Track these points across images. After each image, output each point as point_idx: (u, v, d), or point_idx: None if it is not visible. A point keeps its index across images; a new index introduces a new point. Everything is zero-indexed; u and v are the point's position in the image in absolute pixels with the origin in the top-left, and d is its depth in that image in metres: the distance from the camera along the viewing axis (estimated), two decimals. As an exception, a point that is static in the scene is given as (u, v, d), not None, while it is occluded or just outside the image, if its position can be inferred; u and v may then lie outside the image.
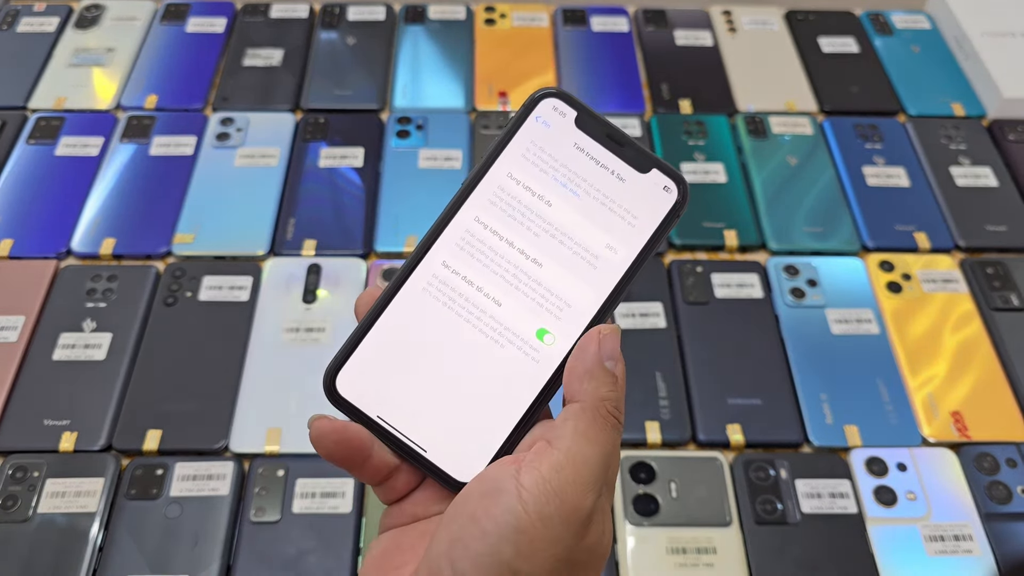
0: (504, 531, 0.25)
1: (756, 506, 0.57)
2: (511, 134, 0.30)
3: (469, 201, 0.30)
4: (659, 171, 0.30)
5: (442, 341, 0.29)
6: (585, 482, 0.26)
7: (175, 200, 0.72)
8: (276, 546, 0.55)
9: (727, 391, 0.63)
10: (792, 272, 0.69)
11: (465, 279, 0.29)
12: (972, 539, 0.56)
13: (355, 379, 0.29)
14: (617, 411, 0.27)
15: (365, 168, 0.75)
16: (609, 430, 0.27)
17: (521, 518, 0.25)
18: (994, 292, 0.68)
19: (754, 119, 0.80)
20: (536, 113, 0.30)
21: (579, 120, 0.30)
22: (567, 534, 0.25)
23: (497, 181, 0.30)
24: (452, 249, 0.30)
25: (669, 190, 0.30)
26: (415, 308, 0.29)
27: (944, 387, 0.63)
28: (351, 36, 0.87)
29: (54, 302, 0.66)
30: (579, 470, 0.26)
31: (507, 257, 0.30)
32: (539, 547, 0.25)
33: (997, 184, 0.76)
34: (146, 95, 0.80)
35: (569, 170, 0.30)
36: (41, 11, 0.87)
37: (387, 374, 0.29)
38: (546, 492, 0.25)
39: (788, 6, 0.92)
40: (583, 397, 0.27)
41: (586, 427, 0.27)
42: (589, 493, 0.26)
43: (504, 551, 0.25)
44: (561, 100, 0.30)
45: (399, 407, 0.29)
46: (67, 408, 0.60)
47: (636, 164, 0.30)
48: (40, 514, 0.55)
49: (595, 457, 0.26)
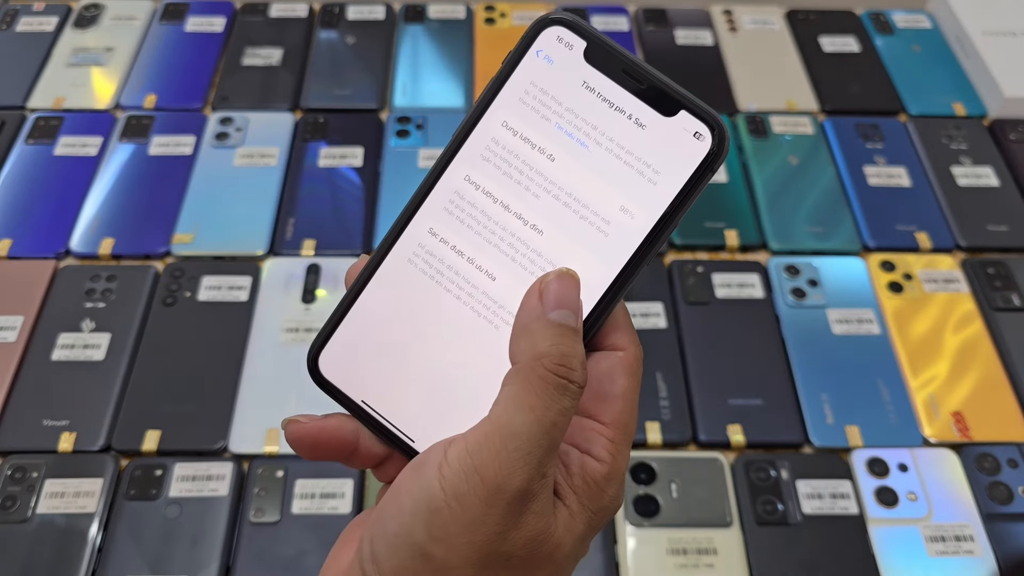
0: (418, 509, 0.22)
1: (757, 507, 0.57)
2: (507, 73, 0.25)
3: (459, 156, 0.25)
4: (689, 113, 0.25)
5: (430, 320, 0.26)
6: (511, 457, 0.22)
7: (174, 200, 0.72)
8: (275, 547, 0.55)
9: (728, 391, 0.62)
10: (793, 272, 0.69)
11: (454, 249, 0.25)
12: (973, 540, 0.56)
13: (338, 360, 0.26)
14: (563, 367, 0.22)
15: (365, 168, 0.75)
16: (551, 392, 0.22)
17: (435, 496, 0.22)
18: (995, 292, 0.68)
19: (755, 118, 0.80)
20: (537, 46, 0.25)
21: (589, 52, 0.25)
22: (490, 518, 0.22)
23: (490, 132, 0.25)
24: (440, 214, 0.25)
25: (701, 137, 0.24)
26: (400, 281, 0.26)
27: (945, 387, 0.63)
28: (351, 35, 0.87)
29: (53, 302, 0.65)
30: (505, 442, 0.22)
31: (502, 223, 0.25)
32: (453, 530, 0.22)
33: (998, 184, 0.76)
34: (145, 95, 0.80)
35: (576, 116, 0.25)
36: (40, 10, 0.87)
37: (371, 355, 0.26)
38: (465, 468, 0.22)
39: (789, 5, 0.92)
40: (518, 358, 0.23)
41: (518, 391, 0.22)
42: (517, 469, 0.22)
43: (416, 532, 0.22)
44: (567, 29, 0.25)
45: (385, 392, 0.26)
46: (66, 408, 0.60)
47: (660, 106, 0.25)
48: (39, 515, 0.55)
49: (527, 426, 0.22)
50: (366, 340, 0.26)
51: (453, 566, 0.22)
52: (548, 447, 0.22)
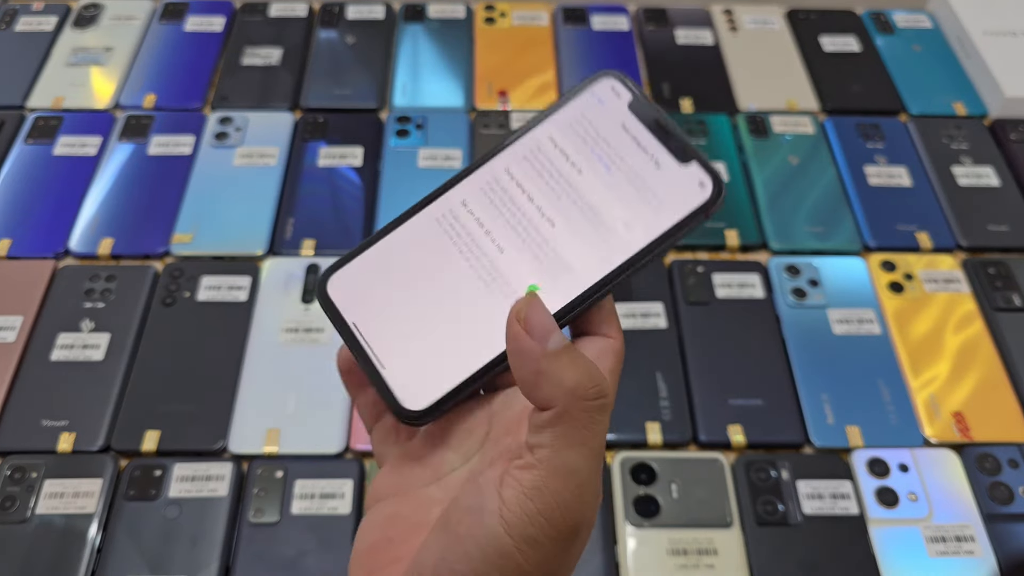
0: (487, 555, 0.23)
1: (757, 507, 0.57)
2: (565, 103, 0.31)
3: (505, 152, 0.31)
4: (699, 165, 0.29)
5: (436, 271, 0.30)
6: (575, 495, 0.23)
7: (173, 200, 0.72)
8: (275, 547, 0.54)
9: (728, 391, 0.62)
10: (793, 272, 0.69)
11: (478, 220, 0.30)
12: (974, 540, 0.56)
13: (346, 284, 0.30)
14: (595, 387, 0.24)
15: (364, 167, 0.75)
16: (595, 418, 0.24)
17: (504, 543, 0.23)
18: (996, 292, 0.68)
19: (755, 118, 0.80)
20: (593, 89, 0.31)
21: (632, 103, 0.30)
22: (559, 551, 0.23)
23: (537, 141, 0.31)
24: (475, 192, 0.31)
25: (704, 186, 0.29)
26: (423, 234, 0.30)
27: (946, 387, 0.63)
28: (350, 35, 0.86)
29: (52, 302, 0.65)
30: (566, 483, 0.23)
31: (524, 210, 0.30)
32: (527, 570, 0.23)
33: (999, 184, 0.76)
34: (144, 94, 0.80)
35: (609, 146, 0.30)
36: (39, 10, 0.87)
37: (375, 287, 0.30)
38: (529, 512, 0.23)
39: (789, 5, 0.92)
40: (552, 402, 0.24)
41: (565, 431, 0.23)
42: (585, 506, 0.23)
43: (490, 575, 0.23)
44: (620, 82, 0.31)
45: (375, 320, 0.30)
46: (65, 409, 0.60)
47: (678, 154, 0.29)
48: (38, 515, 0.55)
49: (584, 460, 0.23)
50: (377, 273, 0.30)
51: None
52: (599, 470, 0.24)
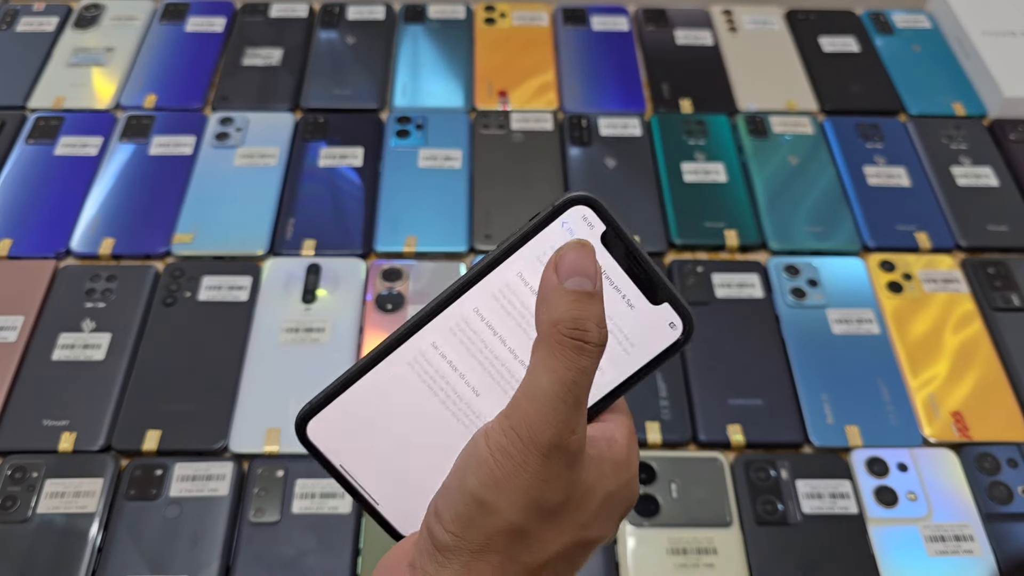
0: (468, 464, 0.26)
1: (757, 506, 0.57)
2: (534, 232, 0.29)
3: (474, 290, 0.29)
4: (671, 307, 0.29)
5: (415, 414, 0.29)
6: (539, 414, 0.25)
7: (174, 200, 0.72)
8: (275, 547, 0.55)
9: (728, 391, 0.62)
10: (793, 272, 0.69)
11: (451, 364, 0.29)
12: (973, 539, 0.56)
13: (326, 428, 0.30)
14: (577, 329, 0.25)
15: (365, 168, 0.75)
16: (569, 353, 0.25)
17: (482, 452, 0.25)
18: (995, 292, 0.68)
19: (755, 119, 0.80)
20: (564, 218, 0.29)
21: (606, 237, 0.29)
22: (529, 466, 0.25)
23: (505, 277, 0.29)
24: (445, 333, 0.29)
25: (675, 327, 0.29)
26: (396, 378, 0.29)
27: (945, 387, 0.63)
28: (351, 35, 0.87)
29: (53, 302, 0.66)
30: (533, 400, 0.25)
31: (496, 353, 0.29)
32: (499, 476, 0.25)
33: (998, 184, 0.76)
34: (145, 95, 0.80)
35: None
36: (40, 11, 0.87)
37: (356, 431, 0.30)
38: (503, 428, 0.25)
39: (789, 5, 0.92)
40: (537, 328, 0.26)
41: (540, 357, 0.25)
42: (546, 425, 0.25)
43: (468, 481, 0.26)
44: (593, 211, 0.29)
45: (362, 462, 0.30)
46: (66, 408, 0.60)
47: (650, 294, 0.29)
48: (39, 514, 0.55)
49: (549, 385, 0.25)
50: (356, 417, 0.30)
51: (503, 509, 0.25)
52: (573, 403, 0.25)
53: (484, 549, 0.26)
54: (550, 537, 0.26)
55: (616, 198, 0.74)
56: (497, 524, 0.25)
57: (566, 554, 0.27)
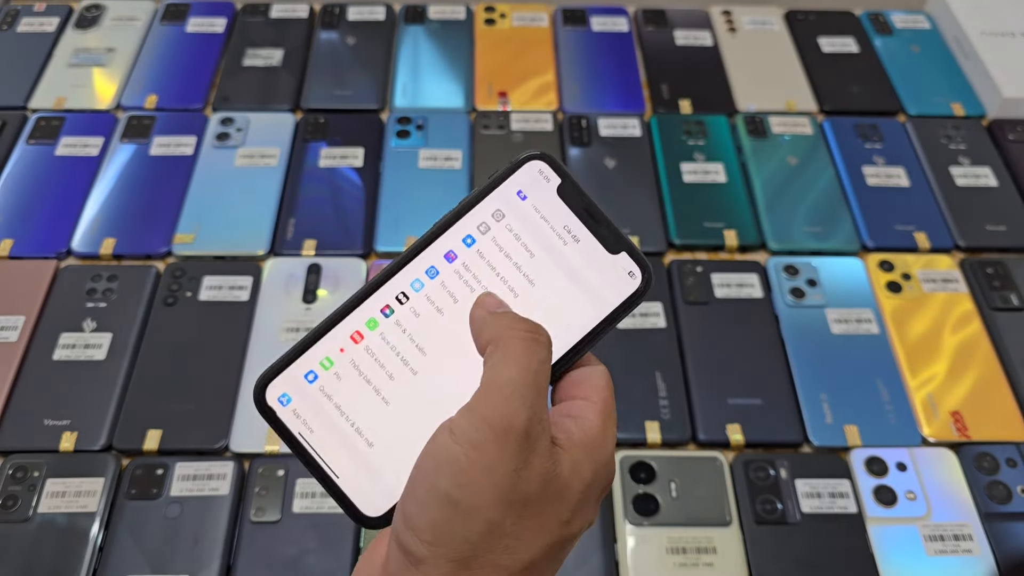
0: (439, 464, 0.25)
1: (756, 506, 0.57)
2: (494, 186, 0.30)
3: (438, 242, 0.29)
4: (628, 256, 0.30)
5: (376, 379, 0.29)
6: (509, 400, 0.25)
7: (175, 200, 0.72)
8: (276, 546, 0.55)
9: (727, 391, 0.63)
10: (792, 272, 0.69)
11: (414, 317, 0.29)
12: (972, 539, 0.56)
13: (285, 392, 0.29)
14: (530, 330, 0.27)
15: (365, 168, 0.75)
16: (530, 346, 0.26)
17: (451, 448, 0.25)
18: (994, 292, 0.68)
19: (754, 119, 0.80)
20: (521, 173, 0.30)
21: (562, 189, 0.30)
22: (505, 456, 0.24)
23: (468, 230, 0.30)
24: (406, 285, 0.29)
25: (633, 276, 0.29)
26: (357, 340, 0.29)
27: (944, 387, 0.63)
28: (351, 36, 0.87)
29: (54, 302, 0.66)
30: (500, 389, 0.25)
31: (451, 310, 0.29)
32: (474, 475, 0.24)
33: (997, 184, 0.76)
34: (146, 95, 0.80)
35: (539, 236, 0.30)
36: (41, 11, 0.87)
37: (318, 395, 0.29)
38: (473, 420, 0.25)
39: (788, 6, 0.92)
40: (492, 338, 0.27)
41: (501, 354, 0.26)
42: (517, 409, 0.25)
43: (441, 483, 0.25)
44: (548, 165, 0.30)
45: (321, 430, 0.29)
46: (67, 408, 0.60)
47: (608, 244, 0.30)
48: (40, 514, 0.55)
49: (515, 373, 0.25)
50: (316, 381, 0.29)
51: (479, 507, 0.24)
52: (537, 390, 0.26)
53: (464, 556, 0.24)
54: (531, 536, 0.25)
55: (616, 198, 0.74)
56: (476, 526, 0.24)
57: (551, 554, 0.26)
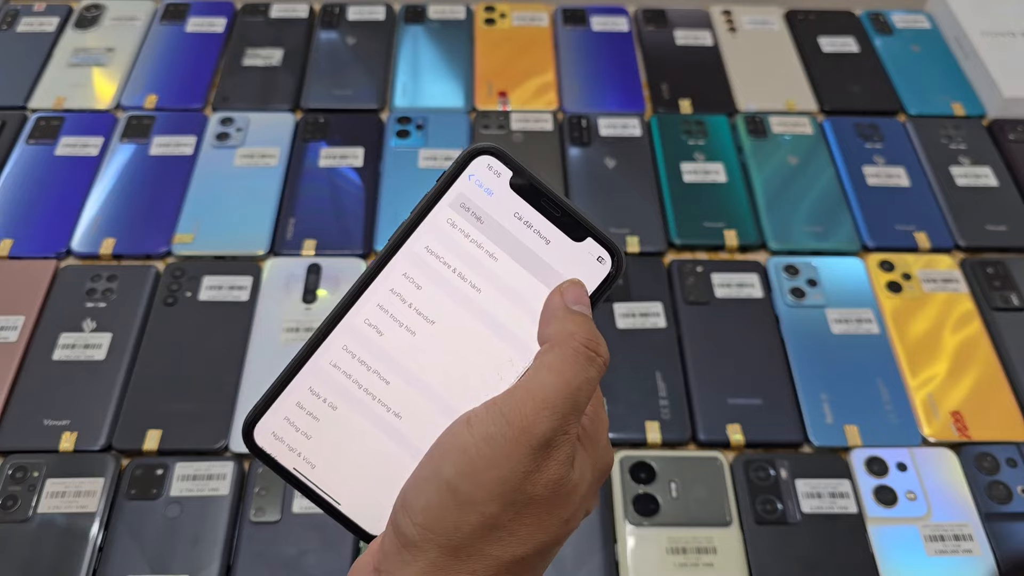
0: (447, 450, 0.25)
1: (756, 506, 0.57)
2: (443, 190, 0.28)
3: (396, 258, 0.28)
4: (595, 241, 0.28)
5: (362, 399, 0.28)
6: (537, 406, 0.24)
7: (175, 200, 0.72)
8: (276, 546, 0.55)
9: (727, 391, 0.63)
10: (792, 272, 0.69)
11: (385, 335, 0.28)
12: (972, 539, 0.56)
13: (274, 430, 0.28)
14: (591, 344, 0.26)
15: (365, 168, 0.75)
16: (581, 361, 0.26)
17: (465, 438, 0.25)
18: (994, 292, 0.68)
19: (754, 119, 0.80)
20: (470, 170, 0.28)
21: (514, 183, 0.28)
22: (515, 457, 0.24)
23: (423, 241, 0.28)
24: (373, 309, 0.28)
25: (603, 261, 0.28)
26: (336, 364, 0.28)
27: (944, 387, 0.63)
28: (351, 36, 0.87)
29: (54, 302, 0.66)
30: (532, 394, 0.25)
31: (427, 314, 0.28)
32: (480, 466, 0.24)
33: (997, 184, 0.76)
34: (146, 95, 0.80)
35: (498, 234, 0.28)
36: (41, 11, 0.87)
37: (306, 427, 0.28)
38: (492, 413, 0.25)
39: (788, 6, 0.92)
40: (551, 337, 0.27)
41: (551, 359, 0.26)
42: (542, 419, 0.24)
43: (444, 469, 0.24)
44: (496, 158, 0.28)
45: (316, 460, 0.28)
46: (67, 408, 0.60)
47: (571, 232, 0.28)
48: (40, 514, 0.55)
49: (553, 385, 0.25)
50: (303, 411, 0.28)
51: (478, 500, 0.24)
52: (572, 407, 0.25)
53: (454, 544, 0.24)
54: (527, 533, 0.25)
55: (616, 198, 0.74)
56: (470, 517, 0.24)
57: (545, 549, 0.26)
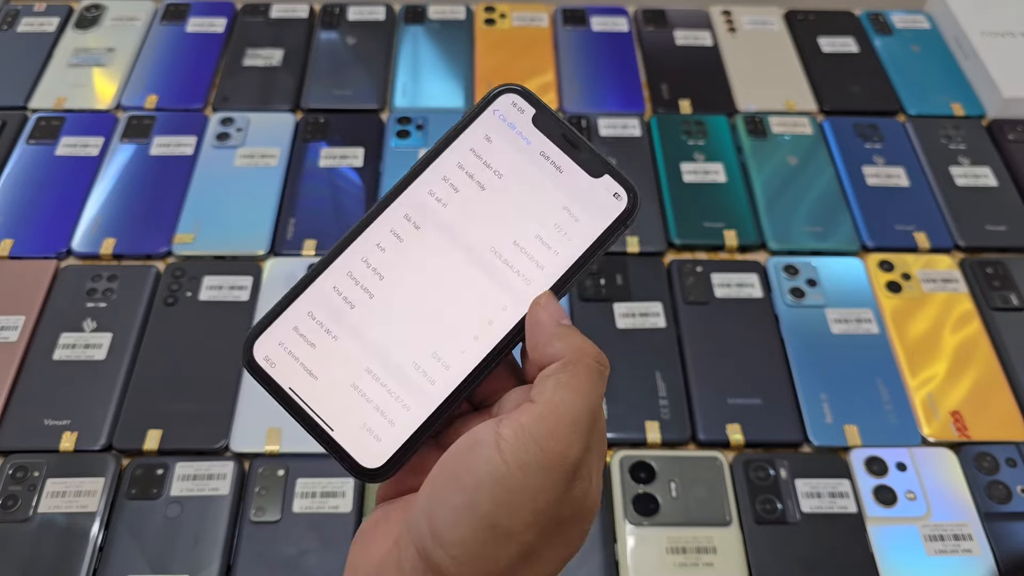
0: (483, 482, 0.24)
1: (756, 506, 0.57)
2: (468, 122, 0.30)
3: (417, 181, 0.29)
4: (611, 177, 0.29)
5: (363, 324, 0.29)
6: (568, 430, 0.24)
7: (175, 200, 0.72)
8: (276, 546, 0.55)
9: (727, 391, 0.63)
10: (792, 272, 0.69)
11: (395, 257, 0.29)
12: (972, 539, 0.56)
13: (274, 348, 0.29)
14: (600, 359, 0.27)
15: (365, 168, 0.75)
16: (595, 378, 0.26)
17: (499, 468, 0.24)
18: (994, 292, 0.68)
19: (754, 119, 0.80)
20: (495, 106, 0.30)
21: (537, 119, 0.30)
22: (549, 484, 0.24)
23: (443, 168, 0.29)
24: (385, 232, 0.29)
25: (619, 197, 0.29)
26: (343, 285, 0.29)
27: (944, 387, 0.63)
28: (351, 36, 0.87)
29: (54, 302, 0.66)
30: (561, 418, 0.25)
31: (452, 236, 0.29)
32: (519, 500, 0.24)
33: (996, 184, 0.76)
34: (146, 95, 0.80)
35: (519, 166, 0.29)
36: (41, 11, 0.87)
37: (306, 349, 0.29)
38: (525, 440, 0.24)
39: (788, 6, 0.92)
40: (561, 354, 0.26)
41: (568, 378, 0.26)
42: (574, 442, 0.24)
43: (482, 503, 0.24)
44: (521, 96, 0.30)
45: (313, 383, 0.28)
46: (67, 408, 0.60)
47: (589, 168, 0.29)
48: (40, 514, 0.55)
49: (579, 406, 0.25)
50: (303, 335, 0.29)
51: (516, 531, 0.24)
52: (592, 423, 0.25)
53: (490, 573, 0.24)
54: (554, 553, 0.25)
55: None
56: (509, 548, 0.24)
57: (566, 561, 0.26)
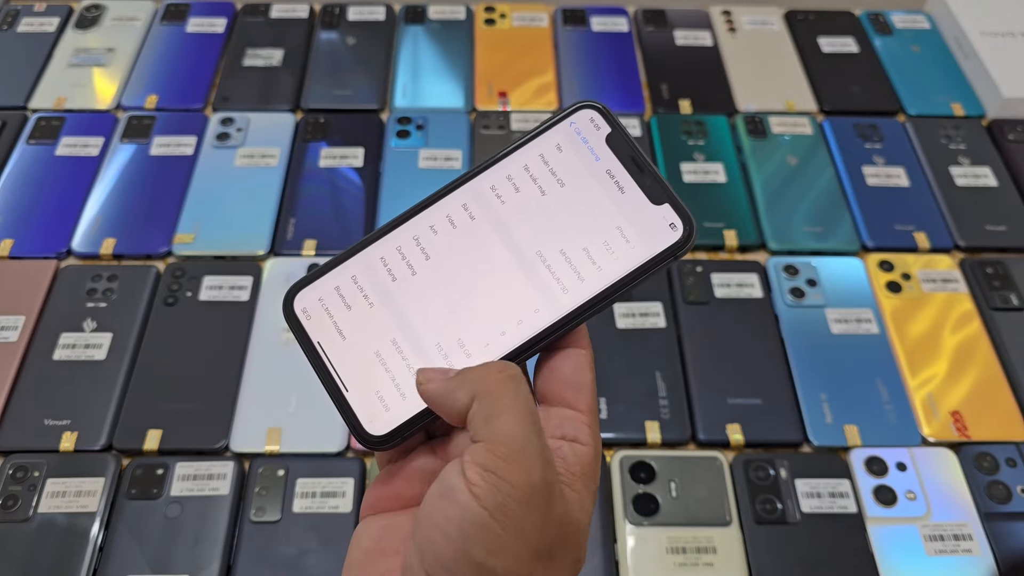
0: (468, 531, 0.24)
1: (756, 506, 0.57)
2: (545, 128, 0.31)
3: (485, 174, 0.30)
4: (671, 207, 0.29)
5: (404, 301, 0.30)
6: (521, 456, 0.24)
7: (175, 200, 0.72)
8: (276, 546, 0.55)
9: (727, 391, 0.63)
10: (792, 272, 0.69)
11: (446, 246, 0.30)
12: (972, 539, 0.56)
13: (313, 302, 0.30)
14: (504, 370, 0.26)
15: (365, 168, 0.75)
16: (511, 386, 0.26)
17: (478, 515, 0.24)
18: (994, 292, 0.68)
19: (754, 119, 0.80)
20: (573, 119, 0.31)
21: (611, 138, 0.30)
22: (530, 517, 0.24)
23: (512, 168, 0.30)
24: (441, 219, 0.30)
25: (675, 228, 0.29)
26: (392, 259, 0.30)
27: (944, 387, 0.63)
28: (351, 36, 0.87)
29: (54, 302, 0.66)
30: (508, 447, 0.25)
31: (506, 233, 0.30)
32: (506, 540, 0.24)
33: (996, 184, 0.76)
34: (146, 95, 0.80)
35: (584, 180, 0.30)
36: (41, 11, 0.88)
37: (343, 307, 0.30)
38: (491, 482, 0.24)
39: (788, 6, 0.92)
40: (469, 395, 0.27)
41: (487, 406, 0.26)
42: (532, 463, 0.24)
43: (474, 552, 0.24)
44: (600, 114, 0.31)
45: (341, 343, 0.30)
46: (67, 408, 0.60)
47: (651, 194, 0.30)
48: (40, 514, 0.55)
49: (513, 424, 0.25)
50: (346, 292, 0.30)
51: (513, 569, 0.24)
52: (537, 431, 0.25)
53: None
54: None
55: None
56: None
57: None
